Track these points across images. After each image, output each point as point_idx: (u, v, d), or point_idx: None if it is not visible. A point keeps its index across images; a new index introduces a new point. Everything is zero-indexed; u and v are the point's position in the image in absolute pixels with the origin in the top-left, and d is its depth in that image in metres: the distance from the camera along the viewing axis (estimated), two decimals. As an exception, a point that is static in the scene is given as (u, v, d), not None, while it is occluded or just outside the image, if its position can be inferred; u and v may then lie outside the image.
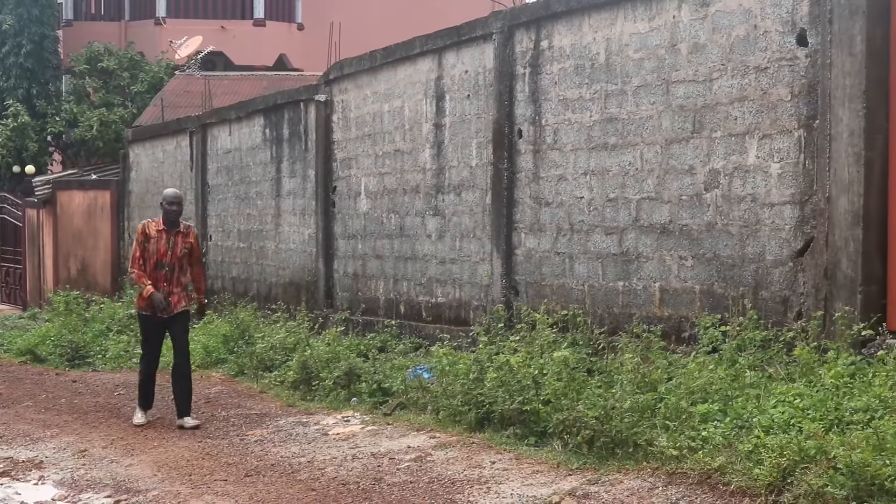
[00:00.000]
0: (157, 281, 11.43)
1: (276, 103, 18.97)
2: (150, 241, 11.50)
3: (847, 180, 8.81)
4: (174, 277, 11.56)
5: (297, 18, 38.30)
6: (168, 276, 11.51)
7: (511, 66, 12.87)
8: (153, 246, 11.49)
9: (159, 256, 11.47)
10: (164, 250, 11.49)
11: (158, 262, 11.47)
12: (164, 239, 11.50)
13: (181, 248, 11.58)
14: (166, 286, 11.48)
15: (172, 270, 11.54)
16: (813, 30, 9.21)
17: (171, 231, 11.57)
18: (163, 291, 11.42)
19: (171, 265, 11.53)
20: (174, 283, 11.57)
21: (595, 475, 8.00)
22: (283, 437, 10.50)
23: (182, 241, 11.61)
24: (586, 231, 11.69)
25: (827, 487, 6.42)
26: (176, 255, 11.54)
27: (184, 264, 11.63)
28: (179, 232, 11.63)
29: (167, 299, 11.46)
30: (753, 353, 9.05)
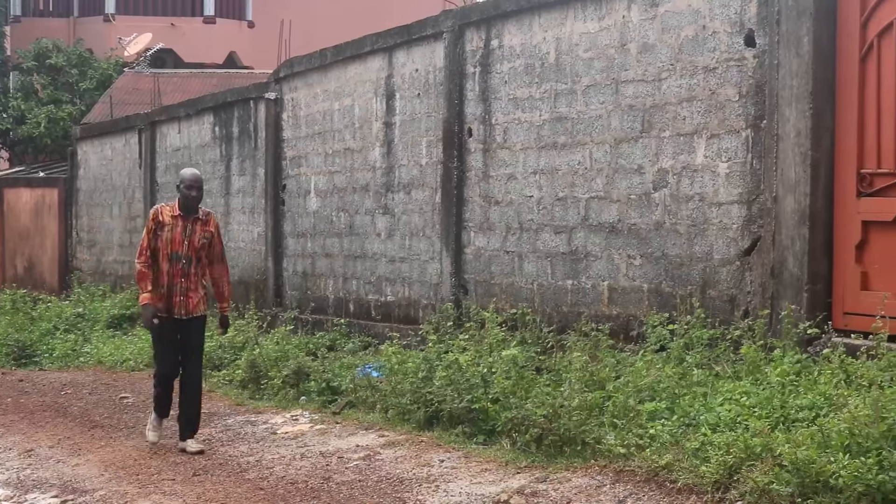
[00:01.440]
0: (173, 276, 9.88)
1: (225, 101, 18.90)
2: (163, 229, 9.91)
3: (794, 180, 8.87)
4: (191, 272, 9.97)
5: (248, 16, 38.13)
6: (185, 270, 9.92)
7: (461, 65, 12.88)
8: (167, 234, 9.90)
9: (174, 247, 9.91)
10: (179, 239, 9.92)
11: (173, 254, 9.91)
12: (179, 226, 9.94)
13: (199, 237, 10.00)
14: (183, 282, 9.92)
15: (190, 264, 9.94)
16: (761, 31, 9.27)
17: (187, 218, 9.98)
18: (179, 288, 9.89)
19: (189, 257, 9.94)
20: (191, 280, 9.98)
21: (543, 473, 8.01)
22: (232, 437, 10.45)
23: (201, 229, 10.02)
24: (535, 230, 11.71)
25: (772, 484, 6.46)
26: (193, 245, 9.97)
27: (202, 258, 10.05)
28: (198, 219, 10.04)
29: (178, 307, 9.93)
30: (701, 352, 9.09)
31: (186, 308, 9.97)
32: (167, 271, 9.91)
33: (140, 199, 21.91)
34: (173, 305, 9.92)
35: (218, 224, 10.32)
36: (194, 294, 10.01)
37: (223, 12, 37.37)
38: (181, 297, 9.93)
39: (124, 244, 22.79)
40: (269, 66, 25.03)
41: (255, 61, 33.94)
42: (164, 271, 9.92)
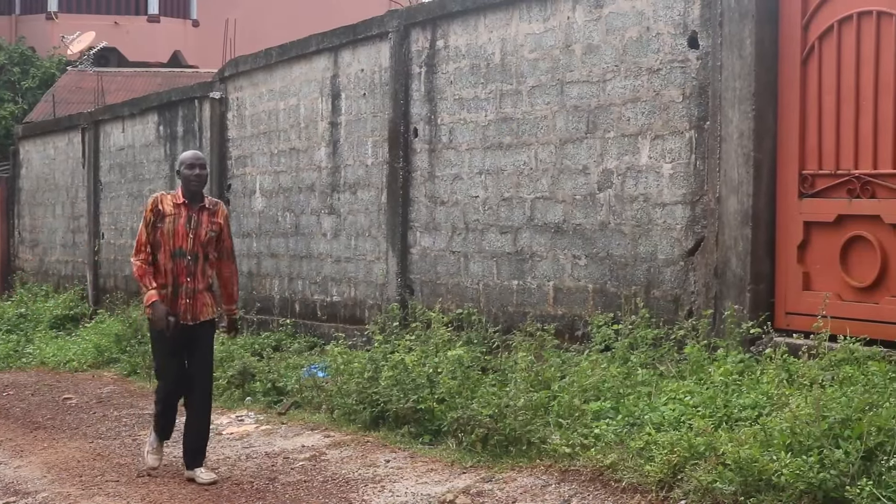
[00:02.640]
0: (178, 275, 8.55)
1: (170, 100, 18.78)
2: (164, 221, 8.56)
3: (737, 181, 8.95)
4: (198, 271, 8.62)
5: (193, 15, 37.96)
6: (191, 268, 8.58)
7: (407, 65, 12.88)
8: (168, 226, 8.54)
9: (177, 241, 8.55)
10: (183, 233, 8.56)
11: (177, 250, 8.55)
12: (182, 217, 8.59)
13: (207, 230, 8.63)
14: (189, 282, 8.57)
15: (196, 261, 8.60)
16: (704, 32, 9.34)
17: (192, 207, 8.64)
18: (185, 289, 8.57)
19: (195, 253, 8.58)
20: (198, 279, 8.63)
21: (489, 473, 8.04)
22: (176, 437, 10.36)
23: (208, 220, 8.67)
24: (481, 230, 11.73)
25: (716, 483, 6.52)
26: (199, 239, 8.59)
27: (209, 254, 8.69)
28: (204, 209, 8.69)
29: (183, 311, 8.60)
30: (645, 352, 9.15)
31: (194, 312, 8.61)
32: (170, 270, 8.55)
33: (83, 198, 21.75)
34: (179, 309, 8.55)
35: (228, 215, 9.00)
36: (202, 296, 8.67)
37: (167, 11, 37.17)
38: (187, 299, 8.58)
39: (67, 244, 22.63)
40: (214, 65, 24.94)
41: (199, 60, 33.80)
42: (166, 270, 8.56)
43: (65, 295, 21.26)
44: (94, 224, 21.30)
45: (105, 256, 21.04)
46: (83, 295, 21.44)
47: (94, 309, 20.26)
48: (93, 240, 21.32)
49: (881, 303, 8.24)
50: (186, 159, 8.78)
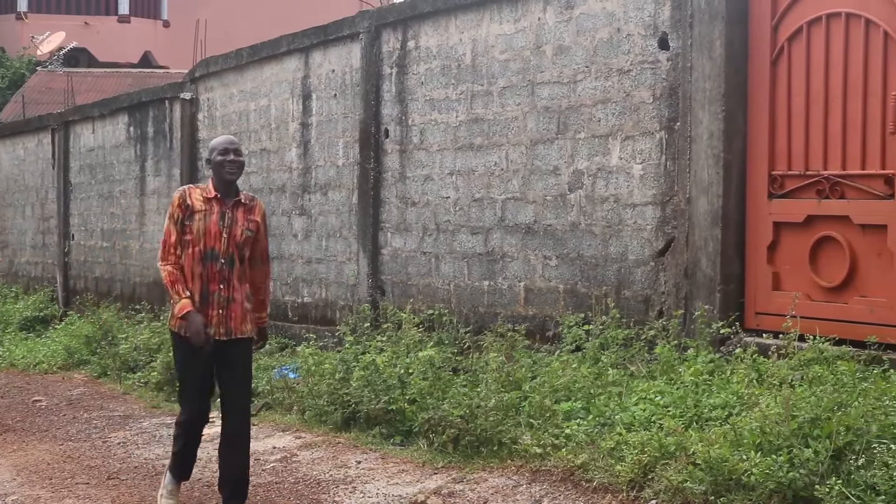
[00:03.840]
0: (208, 282, 7.25)
1: (140, 101, 18.73)
2: (193, 218, 7.25)
3: (707, 181, 8.98)
4: (233, 277, 7.31)
5: (163, 15, 37.89)
6: (225, 274, 7.27)
7: (378, 65, 12.87)
8: (199, 225, 7.24)
9: (209, 242, 7.24)
10: (215, 232, 7.25)
11: (209, 252, 7.25)
12: (215, 213, 7.28)
13: (243, 228, 7.34)
14: (222, 290, 7.27)
15: (231, 265, 7.29)
16: (674, 34, 9.37)
17: (226, 202, 7.33)
18: (217, 298, 7.26)
19: (230, 257, 7.28)
20: (233, 287, 7.31)
21: (460, 473, 8.04)
22: (147, 439, 10.36)
23: (244, 218, 7.37)
24: (452, 231, 11.74)
25: (686, 483, 6.53)
26: (234, 239, 7.29)
27: (245, 256, 7.38)
28: (240, 204, 7.38)
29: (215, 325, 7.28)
30: (616, 352, 9.17)
31: (227, 326, 7.29)
32: (199, 275, 7.25)
33: (53, 199, 21.66)
34: (209, 322, 7.24)
35: (265, 212, 7.67)
36: (238, 306, 7.34)
37: (138, 11, 37.09)
38: (220, 310, 7.27)
39: (37, 245, 22.53)
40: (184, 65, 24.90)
41: (170, 61, 33.74)
42: (195, 275, 7.26)
43: (34, 296, 21.16)
44: (64, 225, 21.22)
45: (75, 258, 20.96)
46: (53, 296, 21.35)
47: (65, 310, 20.17)
48: (63, 241, 21.24)
49: (850, 303, 8.28)
50: (219, 144, 7.38)
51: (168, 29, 37.30)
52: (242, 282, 7.36)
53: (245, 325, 7.36)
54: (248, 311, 7.38)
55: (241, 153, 7.39)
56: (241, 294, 7.34)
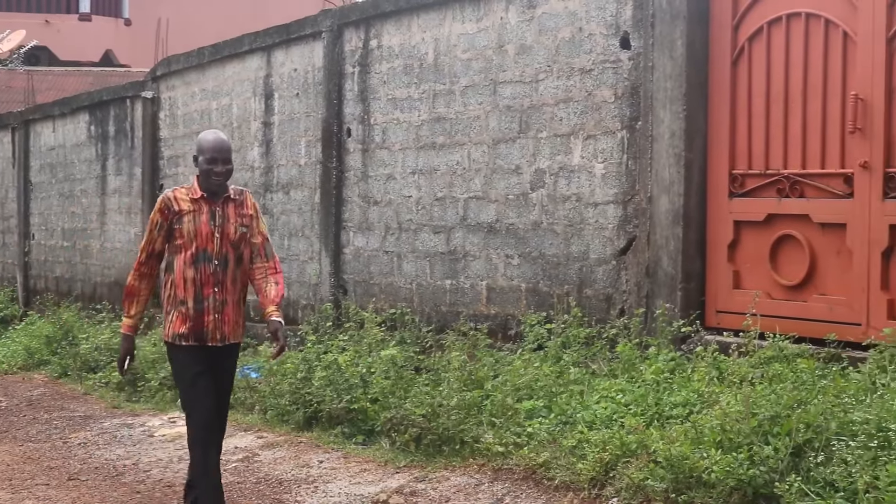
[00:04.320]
0: (202, 286, 6.73)
1: (101, 100, 18.65)
2: (181, 221, 6.74)
3: (668, 180, 9.01)
4: (227, 279, 6.80)
5: (124, 14, 37.70)
6: (218, 275, 6.76)
7: (340, 64, 12.85)
8: (188, 227, 6.73)
9: (200, 243, 6.72)
10: (207, 232, 6.73)
11: (201, 253, 6.73)
12: (205, 213, 6.76)
13: (236, 226, 6.82)
14: (217, 293, 6.75)
15: (225, 267, 6.78)
16: (636, 33, 9.40)
17: (215, 200, 6.81)
18: (213, 302, 6.74)
19: (223, 256, 6.76)
20: (228, 289, 6.81)
21: (422, 472, 8.04)
22: (108, 440, 10.32)
23: (236, 214, 6.85)
24: (414, 230, 11.73)
25: (647, 480, 6.56)
26: (228, 238, 6.78)
27: (242, 255, 6.86)
28: (230, 200, 6.86)
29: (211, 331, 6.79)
30: (577, 350, 9.19)
31: (223, 332, 6.81)
32: (193, 279, 6.73)
33: (13, 198, 21.53)
34: (204, 328, 6.76)
35: (256, 204, 7.09)
36: (233, 310, 6.86)
37: (99, 9, 36.89)
38: (215, 314, 6.77)
39: (-3, 245, 22.40)
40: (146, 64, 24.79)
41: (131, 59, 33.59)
42: (187, 280, 6.74)
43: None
44: (24, 225, 21.10)
45: (35, 257, 20.84)
46: (13, 296, 21.22)
47: (25, 310, 20.06)
48: (23, 240, 21.12)
49: (809, 301, 8.33)
50: (207, 148, 6.79)
51: (129, 27, 37.12)
52: (236, 284, 6.83)
53: (238, 330, 6.91)
54: (239, 318, 6.90)
55: (230, 160, 6.82)
56: (236, 297, 6.85)
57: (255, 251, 6.93)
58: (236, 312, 6.88)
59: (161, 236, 6.80)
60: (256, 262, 6.94)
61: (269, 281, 6.94)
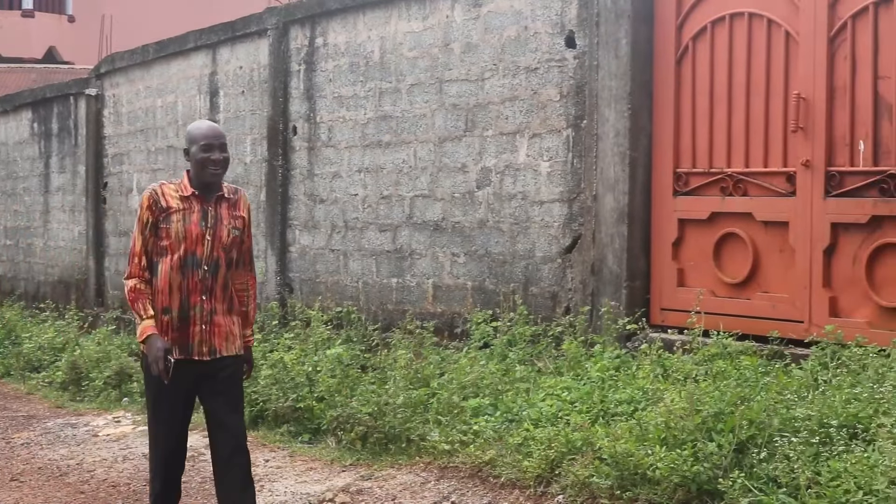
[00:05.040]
0: (189, 293, 6.00)
1: (44, 97, 18.49)
2: (169, 220, 5.99)
3: (613, 179, 9.06)
4: (217, 286, 6.08)
5: (68, 10, 37.36)
6: (207, 282, 6.03)
7: (286, 62, 12.82)
8: (176, 227, 5.98)
9: (189, 246, 5.99)
10: (197, 234, 6.00)
11: (189, 258, 5.99)
12: (196, 212, 6.03)
13: (229, 228, 6.11)
14: (205, 302, 6.02)
15: (216, 272, 6.05)
16: (581, 32, 9.43)
17: (207, 199, 6.08)
18: (200, 311, 6.01)
19: (214, 263, 6.04)
20: (217, 297, 6.08)
21: (368, 471, 8.03)
22: (52, 440, 10.23)
23: (229, 215, 6.13)
24: (361, 228, 11.72)
25: (593, 478, 6.58)
26: (220, 241, 6.06)
27: (232, 261, 6.14)
28: (223, 199, 6.14)
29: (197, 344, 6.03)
30: (523, 348, 9.21)
31: (211, 344, 6.05)
32: (178, 286, 5.99)
33: (-45, 197, 21.32)
34: (190, 341, 6.01)
35: (250, 205, 6.39)
36: (224, 319, 6.11)
37: (42, 6, 36.55)
38: (203, 325, 6.04)
39: (-62, 243, 22.15)
40: (90, 61, 24.62)
41: (75, 57, 33.33)
42: (173, 286, 5.99)
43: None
44: (-35, 223, 20.88)
45: (-23, 256, 20.64)
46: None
47: (-34, 310, 19.85)
48: (-35, 239, 20.90)
49: (753, 298, 8.40)
50: (199, 136, 6.10)
51: (73, 24, 36.81)
52: (227, 291, 6.12)
53: (234, 342, 6.12)
54: (234, 326, 6.15)
55: (226, 147, 6.14)
56: (227, 306, 6.12)
57: (241, 257, 6.25)
58: (228, 322, 6.10)
59: (152, 236, 6.01)
60: (240, 270, 6.26)
61: (251, 296, 6.35)
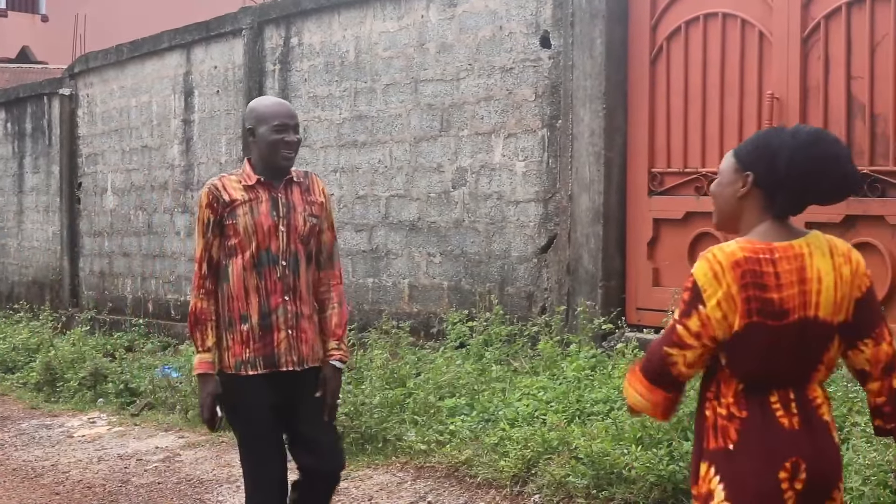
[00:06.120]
0: (268, 295, 5.07)
1: (18, 97, 18.41)
2: (235, 215, 5.11)
3: (588, 178, 9.08)
4: (300, 283, 5.16)
5: (41, 10, 37.15)
6: (288, 280, 5.12)
7: (261, 62, 12.80)
8: (244, 221, 5.09)
9: (262, 240, 5.09)
10: (269, 226, 5.10)
11: (263, 254, 5.09)
12: (264, 202, 5.13)
13: (305, 216, 5.21)
14: (288, 303, 5.10)
15: (296, 268, 5.14)
16: (556, 32, 9.45)
17: (275, 185, 5.18)
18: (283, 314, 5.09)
19: (293, 257, 5.14)
20: (302, 297, 5.17)
21: (345, 471, 8.01)
22: (26, 441, 10.19)
23: (303, 200, 5.23)
24: (337, 228, 11.67)
25: (569, 477, 6.59)
26: (297, 231, 5.16)
27: (312, 253, 5.24)
28: (293, 183, 5.24)
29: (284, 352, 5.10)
30: (499, 348, 9.22)
31: (299, 352, 5.13)
32: (256, 288, 5.09)
33: (-72, 197, 21.21)
34: (275, 350, 5.09)
35: (326, 189, 5.51)
36: (310, 324, 5.19)
37: (15, 5, 36.35)
38: (288, 330, 5.11)
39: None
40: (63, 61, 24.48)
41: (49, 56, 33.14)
42: (248, 289, 5.09)
43: None
44: (-62, 223, 20.78)
45: (-49, 256, 20.55)
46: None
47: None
48: (-62, 239, 20.79)
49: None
50: (270, 115, 5.20)
51: (47, 24, 36.61)
52: (310, 290, 5.24)
53: (318, 348, 5.21)
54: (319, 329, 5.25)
55: (298, 128, 5.30)
56: (310, 306, 5.22)
57: (322, 251, 5.33)
58: (313, 327, 5.20)
59: (217, 238, 5.15)
60: (324, 269, 5.33)
61: (333, 300, 5.31)
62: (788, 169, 3.33)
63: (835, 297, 3.33)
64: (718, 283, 3.29)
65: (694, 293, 3.32)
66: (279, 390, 5.08)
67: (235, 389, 5.10)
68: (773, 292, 3.28)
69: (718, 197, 3.51)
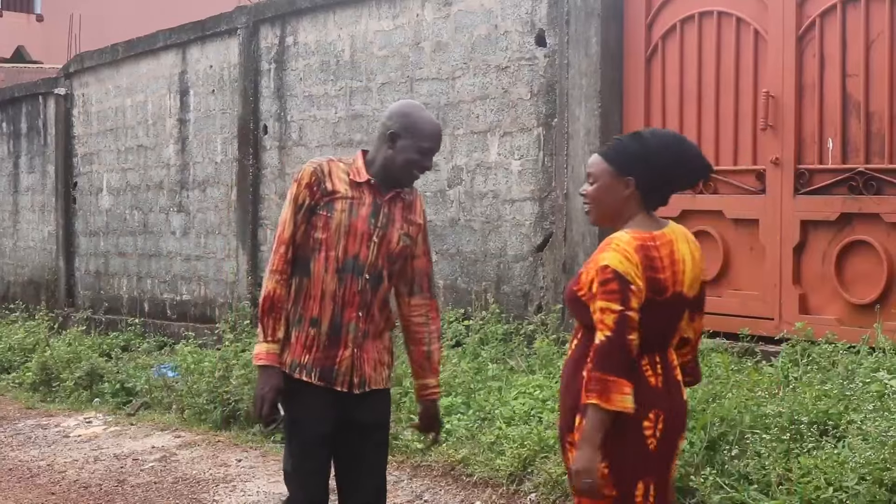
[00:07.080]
0: (344, 305, 4.69)
1: (13, 96, 18.41)
2: (331, 207, 4.68)
3: (583, 177, 9.05)
4: (376, 301, 4.76)
5: (37, 9, 37.13)
6: (366, 295, 4.71)
7: (256, 61, 12.80)
8: (340, 218, 4.67)
9: (352, 245, 4.68)
10: (363, 232, 4.69)
11: (349, 261, 4.68)
12: (366, 206, 4.72)
13: (400, 234, 4.79)
14: (361, 319, 4.72)
15: (377, 286, 4.74)
16: (551, 31, 9.45)
17: (382, 193, 4.76)
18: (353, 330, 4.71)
19: (377, 273, 4.73)
20: (375, 316, 4.77)
21: (341, 470, 8.02)
22: (22, 441, 10.18)
23: (402, 217, 4.80)
24: (332, 227, 11.70)
25: (565, 475, 6.59)
26: (388, 246, 4.75)
27: (394, 273, 4.82)
28: (399, 197, 4.81)
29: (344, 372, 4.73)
30: (495, 347, 9.22)
31: (362, 372, 4.75)
32: (333, 295, 4.69)
33: (-77, 197, 21.19)
34: (336, 365, 4.72)
35: (426, 212, 5.06)
36: (376, 345, 4.81)
37: (10, 5, 36.33)
38: (354, 348, 4.73)
39: None
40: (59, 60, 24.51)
41: (44, 56, 33.13)
42: (326, 292, 4.69)
43: None
44: (-66, 223, 20.76)
45: (-54, 256, 20.53)
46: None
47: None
48: (-67, 239, 20.78)
49: (724, 296, 8.43)
50: (424, 135, 4.80)
51: (42, 23, 36.59)
52: (384, 311, 4.82)
53: (382, 372, 4.83)
54: (384, 355, 4.84)
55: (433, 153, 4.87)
56: (378, 328, 4.80)
57: (415, 278, 4.91)
58: (379, 349, 4.81)
59: (305, 222, 4.71)
60: (416, 296, 4.92)
61: (432, 332, 4.95)
62: (662, 169, 4.00)
63: (693, 275, 4.07)
64: (634, 266, 3.87)
65: (620, 280, 3.86)
66: (335, 408, 4.73)
67: (295, 390, 4.71)
68: (659, 273, 3.93)
69: (601, 201, 4.16)
